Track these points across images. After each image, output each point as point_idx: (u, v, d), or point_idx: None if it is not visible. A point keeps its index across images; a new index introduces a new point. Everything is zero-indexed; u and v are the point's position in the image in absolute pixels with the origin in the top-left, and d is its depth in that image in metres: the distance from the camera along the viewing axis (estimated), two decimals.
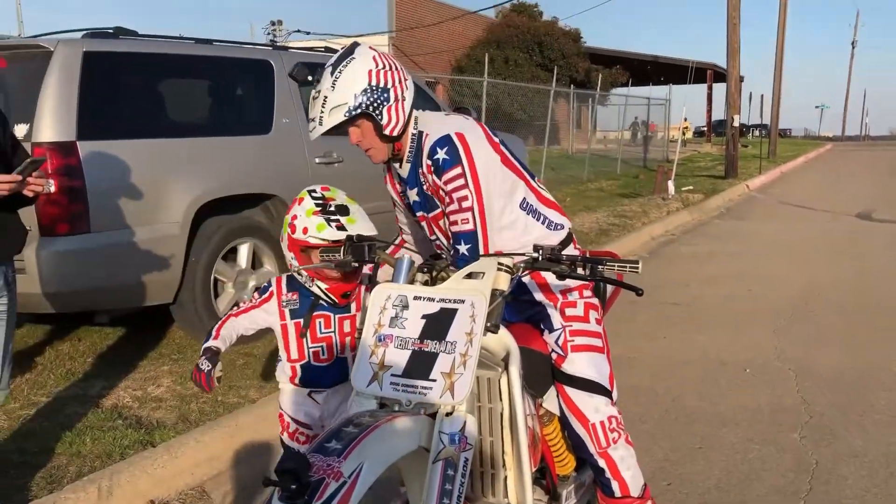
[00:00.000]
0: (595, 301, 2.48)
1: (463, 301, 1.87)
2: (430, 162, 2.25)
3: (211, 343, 2.42)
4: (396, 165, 2.40)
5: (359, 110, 2.15)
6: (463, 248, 2.23)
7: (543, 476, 2.49)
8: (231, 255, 4.88)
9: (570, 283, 2.40)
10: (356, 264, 2.19)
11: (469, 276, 1.96)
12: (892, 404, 4.05)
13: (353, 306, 2.42)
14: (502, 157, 2.30)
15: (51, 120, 4.06)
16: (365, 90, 2.15)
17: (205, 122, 5.18)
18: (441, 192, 2.26)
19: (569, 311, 2.41)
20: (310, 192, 2.34)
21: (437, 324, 1.87)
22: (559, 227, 2.43)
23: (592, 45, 33.41)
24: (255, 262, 5.04)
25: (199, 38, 5.19)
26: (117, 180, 4.25)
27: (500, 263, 1.94)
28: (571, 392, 2.38)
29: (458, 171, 2.21)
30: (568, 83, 26.70)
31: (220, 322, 2.51)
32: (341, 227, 2.26)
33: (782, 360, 4.80)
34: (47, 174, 3.86)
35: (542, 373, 2.39)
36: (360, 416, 1.74)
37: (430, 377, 1.82)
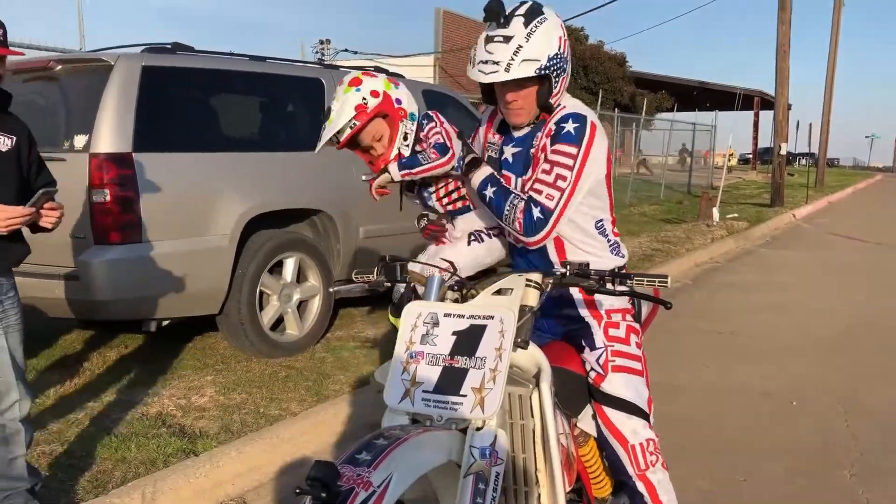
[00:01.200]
0: (637, 326, 2.48)
1: (492, 317, 1.89)
2: (553, 127, 2.27)
3: None
4: (511, 134, 2.42)
5: (545, 72, 2.18)
6: (536, 213, 2.23)
7: (581, 497, 2.48)
8: (277, 268, 4.94)
9: (614, 303, 2.42)
10: (388, 284, 2.23)
11: (498, 292, 1.98)
12: None
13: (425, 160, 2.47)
14: (607, 173, 2.35)
15: (109, 131, 4.17)
16: (555, 55, 2.19)
17: (256, 136, 5.28)
18: (543, 157, 2.27)
19: (612, 332, 2.41)
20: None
21: (468, 340, 1.90)
22: (621, 255, 2.45)
23: (638, 70, 33.30)
24: (300, 276, 5.10)
25: (253, 55, 5.30)
26: (170, 192, 4.35)
27: (528, 280, 1.96)
28: (610, 412, 2.38)
29: (573, 149, 2.24)
30: (612, 107, 26.62)
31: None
32: (320, 137, 2.39)
33: (828, 394, 4.69)
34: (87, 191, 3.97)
35: (577, 393, 2.39)
36: (391, 429, 1.76)
37: (461, 392, 1.84)
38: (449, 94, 7.17)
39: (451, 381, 1.87)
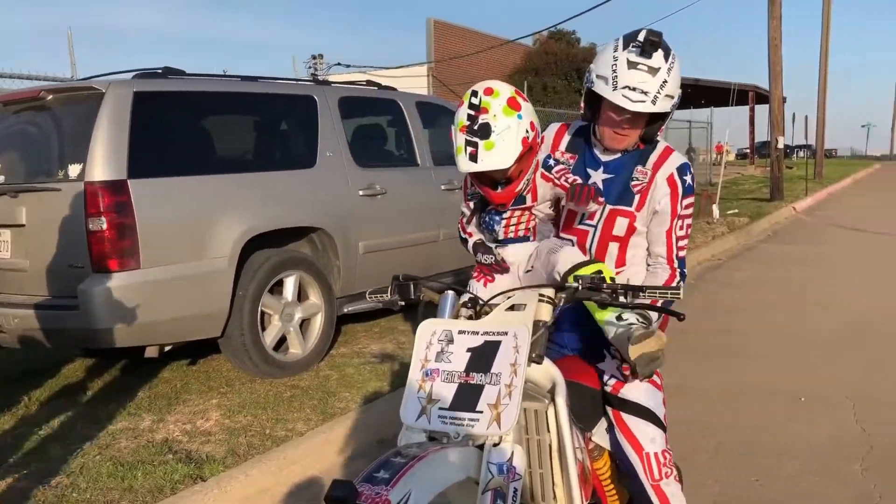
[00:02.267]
0: None
1: (506, 333, 1.88)
2: (678, 178, 2.38)
3: None
4: (597, 150, 2.45)
5: (673, 109, 2.29)
6: (683, 269, 2.41)
7: None
8: (277, 287, 4.93)
9: None
10: (403, 303, 2.20)
11: (511, 308, 1.97)
12: None
13: (528, 198, 2.36)
14: None
15: (102, 159, 4.16)
16: (679, 95, 2.29)
17: (251, 157, 5.27)
18: (672, 210, 2.37)
19: None
20: (472, 92, 2.17)
21: (482, 356, 1.89)
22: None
23: None
24: (301, 295, 5.08)
25: (245, 75, 5.30)
26: (167, 217, 4.34)
27: (541, 295, 1.95)
28: (628, 419, 2.37)
29: (693, 200, 2.41)
30: None
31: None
32: (474, 158, 2.12)
33: (838, 389, 4.66)
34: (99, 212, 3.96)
35: (591, 406, 2.38)
36: (409, 447, 1.76)
37: (477, 409, 1.83)
38: (444, 105, 7.17)
39: (466, 397, 1.86)
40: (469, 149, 2.11)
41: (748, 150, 38.20)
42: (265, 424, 4.09)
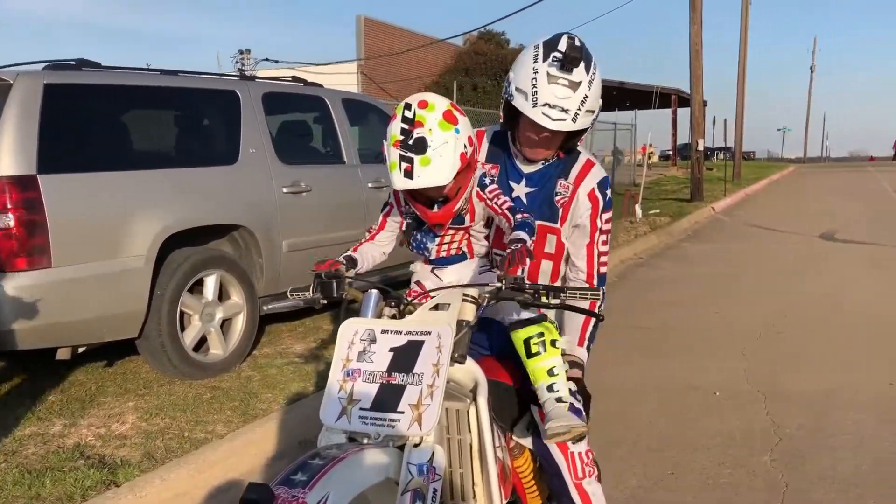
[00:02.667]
0: None
1: (429, 333, 1.88)
2: (599, 194, 2.37)
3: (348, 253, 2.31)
4: (518, 160, 2.42)
5: (593, 123, 2.25)
6: (599, 287, 2.39)
7: None
8: (198, 287, 4.81)
9: None
10: (325, 301, 2.16)
11: (435, 307, 1.97)
12: (859, 425, 4.09)
13: (467, 218, 2.29)
14: None
15: (10, 153, 3.98)
16: (599, 107, 2.26)
17: (170, 153, 5.13)
18: (591, 224, 2.37)
19: None
20: (406, 105, 2.06)
21: (405, 356, 1.88)
22: None
23: None
24: (223, 294, 4.97)
25: (165, 69, 5.16)
26: (80, 214, 4.18)
27: (465, 294, 1.96)
28: None
29: (611, 214, 2.42)
30: None
31: (354, 247, 2.39)
32: (409, 174, 2.00)
33: (751, 383, 4.83)
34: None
35: (510, 404, 2.39)
36: (328, 448, 1.74)
37: (398, 409, 1.82)
38: (371, 102, 7.14)
39: (388, 397, 1.86)
40: (404, 165, 1.99)
41: (671, 152, 39.21)
42: (184, 427, 3.99)
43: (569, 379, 2.31)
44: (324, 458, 1.65)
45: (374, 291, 2.06)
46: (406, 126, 2.00)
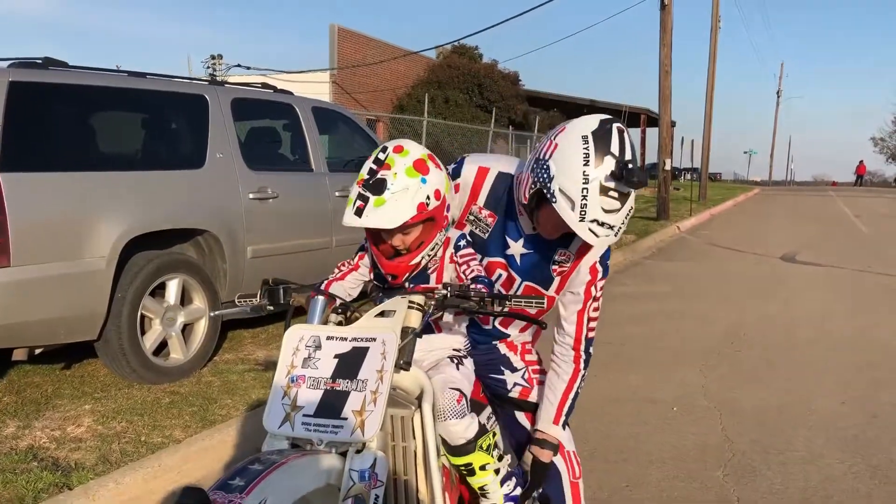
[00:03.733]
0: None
1: (374, 339, 1.89)
2: (601, 266, 2.29)
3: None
4: (521, 219, 2.27)
5: None
6: (584, 354, 2.37)
7: None
8: (159, 290, 4.78)
9: (526, 337, 2.53)
10: (272, 308, 2.15)
11: (381, 314, 1.97)
12: (809, 442, 4.18)
13: (433, 278, 2.22)
14: None
15: None
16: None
17: (136, 155, 5.10)
18: (586, 293, 2.29)
19: (528, 357, 2.53)
20: (382, 147, 2.06)
21: (349, 363, 1.88)
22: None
23: (531, 88, 34.11)
24: (185, 298, 4.94)
25: (133, 70, 5.14)
26: (42, 213, 4.14)
27: (410, 301, 1.96)
28: None
29: (605, 281, 2.33)
30: (507, 124, 27.15)
31: (326, 282, 2.30)
32: (360, 212, 1.99)
33: (708, 399, 4.92)
34: None
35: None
36: (268, 454, 1.73)
37: (342, 416, 1.82)
38: (341, 111, 7.15)
39: (331, 404, 1.85)
40: (358, 202, 1.98)
41: None
42: (141, 431, 3.95)
43: (534, 462, 2.35)
44: (263, 463, 1.65)
45: (321, 298, 2.06)
46: (374, 167, 2.01)
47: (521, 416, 2.51)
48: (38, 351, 4.37)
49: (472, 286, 2.04)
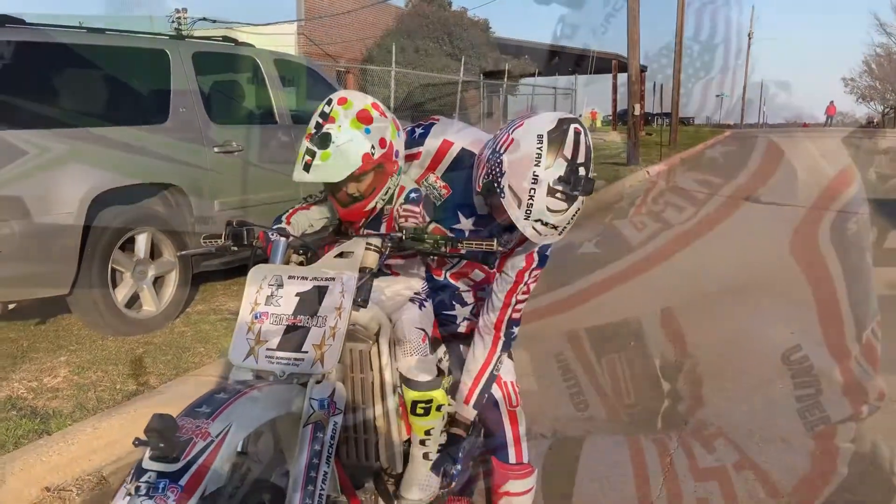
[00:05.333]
0: None
1: (333, 279, 2.01)
2: (537, 255, 2.34)
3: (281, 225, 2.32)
4: (476, 199, 2.33)
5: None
6: (504, 335, 2.43)
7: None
8: (129, 244, 4.86)
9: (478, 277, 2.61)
10: (235, 248, 2.24)
11: (340, 255, 2.09)
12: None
13: (384, 226, 2.35)
14: None
15: None
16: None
17: (99, 111, 5.11)
18: (518, 278, 2.35)
19: (479, 293, 2.61)
20: (328, 100, 2.13)
21: (310, 300, 2.01)
22: None
23: (501, 36, 33.80)
24: (154, 252, 5.04)
25: (92, 27, 5.13)
26: (7, 171, 4.19)
27: (368, 243, 2.08)
28: None
29: (540, 272, 2.40)
30: (478, 73, 26.98)
31: (291, 210, 2.42)
32: (307, 168, 2.09)
33: (665, 333, 5.12)
34: None
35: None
36: (233, 384, 1.87)
37: (303, 349, 1.96)
38: (304, 63, 7.16)
39: (293, 338, 1.98)
40: (306, 157, 2.09)
41: (611, 117, 39.64)
42: (116, 380, 4.09)
43: (451, 436, 2.44)
44: (228, 392, 1.77)
45: (283, 239, 2.16)
46: (320, 120, 2.11)
47: (464, 350, 2.66)
48: (11, 306, 4.46)
49: (429, 229, 2.17)
